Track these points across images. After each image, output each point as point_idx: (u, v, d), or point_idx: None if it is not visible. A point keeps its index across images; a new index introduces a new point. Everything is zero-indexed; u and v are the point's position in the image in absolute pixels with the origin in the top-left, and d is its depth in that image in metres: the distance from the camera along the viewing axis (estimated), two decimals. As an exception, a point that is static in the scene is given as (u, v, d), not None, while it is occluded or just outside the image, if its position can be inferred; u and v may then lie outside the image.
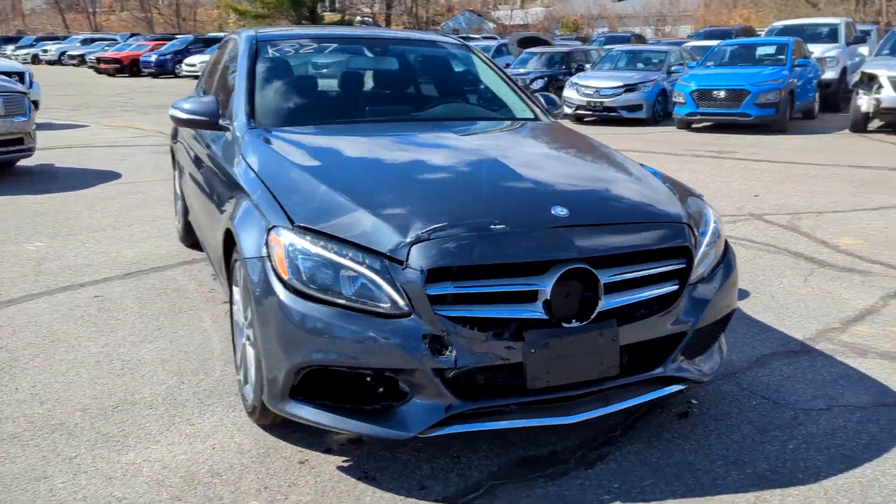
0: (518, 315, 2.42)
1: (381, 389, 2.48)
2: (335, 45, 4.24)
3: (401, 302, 2.36)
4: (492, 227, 2.49)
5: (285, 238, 2.51)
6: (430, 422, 2.40)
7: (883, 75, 11.94)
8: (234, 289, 3.04)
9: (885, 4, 38.73)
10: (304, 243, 2.48)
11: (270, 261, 2.52)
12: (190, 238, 5.26)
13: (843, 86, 16.00)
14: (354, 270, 2.41)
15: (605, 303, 2.51)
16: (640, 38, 28.98)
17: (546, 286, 2.43)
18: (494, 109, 4.10)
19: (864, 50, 17.10)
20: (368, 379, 2.47)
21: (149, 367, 3.44)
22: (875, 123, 12.43)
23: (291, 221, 2.55)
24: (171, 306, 4.21)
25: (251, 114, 3.56)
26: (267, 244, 2.56)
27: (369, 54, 4.39)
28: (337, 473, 2.59)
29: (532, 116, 4.03)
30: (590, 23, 46.71)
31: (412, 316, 2.35)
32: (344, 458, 2.68)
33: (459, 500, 2.44)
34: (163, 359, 3.53)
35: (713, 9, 40.40)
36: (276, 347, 2.47)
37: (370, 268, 2.40)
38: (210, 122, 3.58)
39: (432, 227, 2.44)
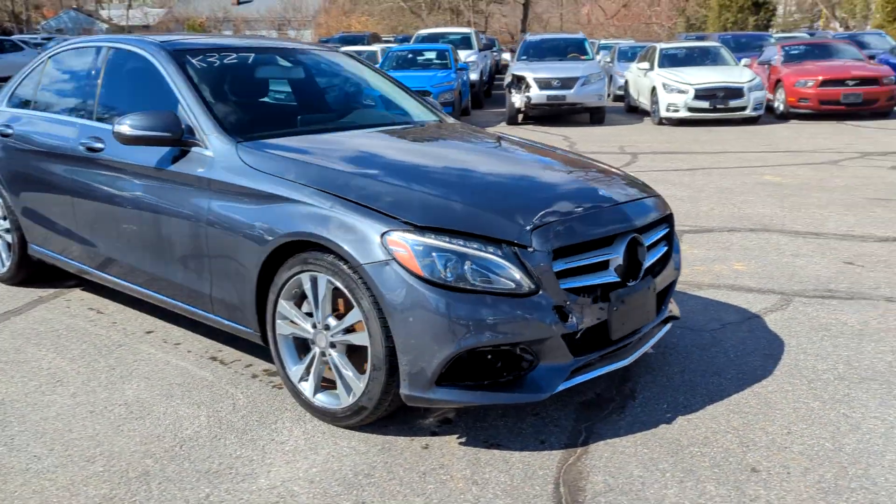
0: (602, 280, 2.91)
1: (511, 362, 2.78)
2: (252, 55, 4.13)
3: (529, 281, 2.69)
4: (575, 211, 2.93)
5: (407, 239, 2.66)
6: (559, 381, 2.77)
7: (529, 77, 14.16)
8: (284, 303, 3.01)
9: (471, 17, 44.35)
10: (433, 241, 2.66)
11: (397, 262, 2.65)
12: (23, 273, 4.65)
13: (482, 86, 18.49)
14: (482, 258, 2.67)
15: (646, 263, 3.11)
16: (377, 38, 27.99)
17: (618, 254, 2.96)
18: (407, 112, 4.36)
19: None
20: (500, 355, 2.75)
21: (156, 404, 3.18)
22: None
23: (408, 223, 2.70)
24: (92, 346, 3.81)
25: (221, 126, 3.42)
26: (385, 247, 2.67)
27: (285, 64, 4.36)
28: (464, 448, 2.82)
29: (439, 118, 4.39)
30: (216, 25, 45.87)
31: (540, 292, 2.70)
32: (457, 437, 2.90)
33: (577, 442, 2.86)
34: (162, 394, 3.28)
35: (333, 15, 42.40)
36: (425, 340, 2.62)
37: (496, 254, 2.68)
38: (171, 138, 3.37)
39: (539, 215, 2.81)
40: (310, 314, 2.98)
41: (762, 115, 13.86)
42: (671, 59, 15.09)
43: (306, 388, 3.04)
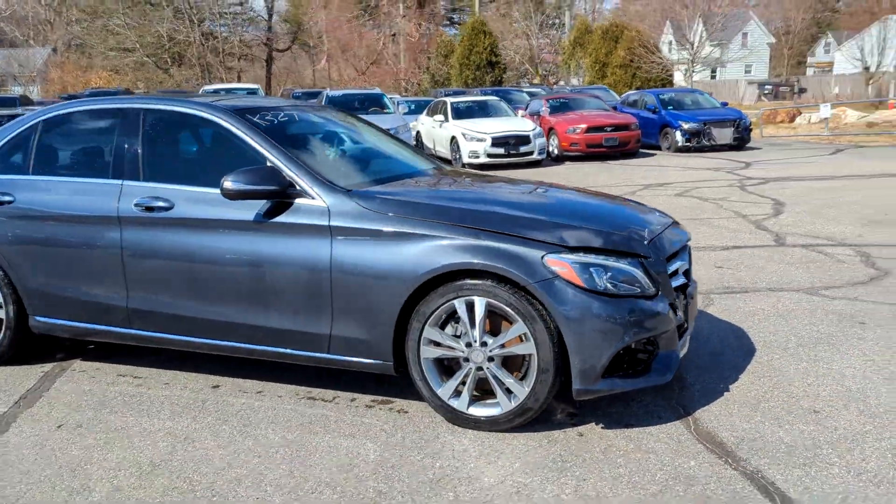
0: (678, 283, 3.66)
1: (641, 353, 3.41)
2: (294, 112, 4.32)
3: (654, 285, 3.35)
4: (660, 230, 3.65)
5: (566, 258, 3.21)
6: (674, 365, 3.45)
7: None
8: (430, 329, 3.36)
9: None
10: (586, 258, 3.23)
11: (560, 278, 3.18)
12: (13, 350, 4.35)
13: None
14: (622, 269, 3.28)
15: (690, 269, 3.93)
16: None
17: (684, 261, 3.73)
18: (416, 161, 4.76)
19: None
20: (634, 348, 3.37)
21: (311, 441, 3.34)
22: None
23: (562, 245, 3.24)
24: (177, 405, 3.77)
25: (321, 178, 3.66)
26: (546, 267, 3.19)
27: (318, 121, 4.59)
28: (610, 430, 3.38)
29: (438, 165, 4.87)
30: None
31: (659, 293, 3.38)
32: (595, 424, 3.45)
33: (682, 414, 3.55)
34: (306, 432, 3.42)
35: (69, 70, 39.23)
36: (596, 341, 3.16)
37: (632, 265, 3.31)
38: (278, 191, 3.56)
39: (646, 232, 3.49)
40: (457, 336, 3.36)
41: (544, 158, 15.69)
42: (461, 112, 16.49)
43: (457, 403, 3.40)
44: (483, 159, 15.06)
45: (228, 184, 3.51)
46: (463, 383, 3.41)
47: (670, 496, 2.81)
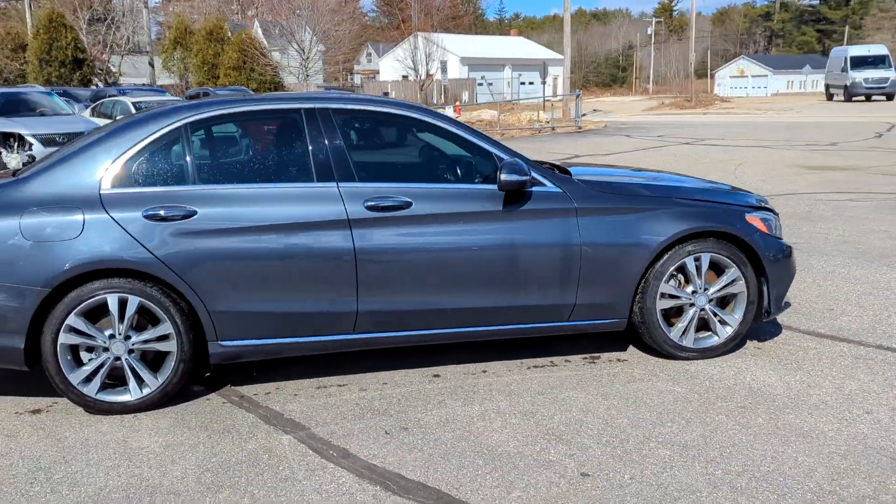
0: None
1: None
2: None
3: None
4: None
5: (756, 214, 4.37)
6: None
7: (24, 133, 13.07)
8: (665, 285, 4.24)
9: None
10: (764, 214, 4.44)
11: (759, 231, 4.35)
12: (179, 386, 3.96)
13: None
14: (776, 220, 4.56)
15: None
16: None
17: None
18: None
19: None
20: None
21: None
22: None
23: (749, 206, 4.40)
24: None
25: (537, 166, 4.21)
26: (749, 224, 4.34)
27: None
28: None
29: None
30: None
31: None
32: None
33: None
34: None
35: None
36: (784, 274, 4.39)
37: (777, 218, 4.60)
38: (532, 181, 4.05)
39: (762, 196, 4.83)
40: (680, 288, 4.30)
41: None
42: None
43: (687, 340, 4.32)
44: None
45: (505, 177, 3.87)
46: (689, 326, 4.33)
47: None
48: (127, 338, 3.74)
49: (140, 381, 3.78)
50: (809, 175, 12.20)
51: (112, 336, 3.72)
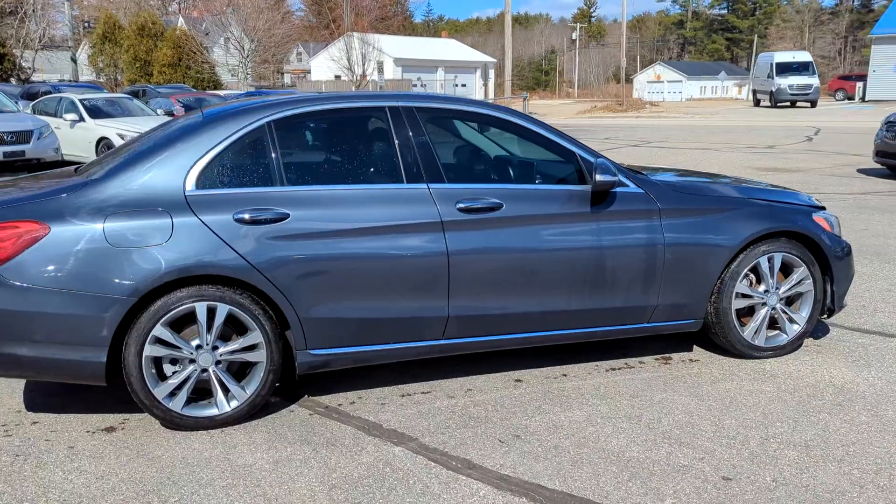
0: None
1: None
2: None
3: None
4: None
5: (821, 214, 4.41)
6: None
7: None
8: (740, 284, 4.24)
9: None
10: (828, 214, 4.50)
11: (825, 231, 4.40)
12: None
13: None
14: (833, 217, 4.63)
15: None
16: None
17: None
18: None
19: None
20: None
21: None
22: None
23: (815, 207, 4.46)
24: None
25: (620, 166, 4.15)
26: (816, 224, 4.39)
27: None
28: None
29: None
30: None
31: None
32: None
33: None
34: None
35: None
36: (846, 274, 4.46)
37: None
38: (619, 181, 3.99)
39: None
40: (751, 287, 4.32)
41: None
42: (100, 111, 14.86)
43: (759, 340, 4.34)
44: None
45: (600, 177, 3.80)
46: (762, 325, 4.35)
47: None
48: (214, 348, 3.49)
49: (227, 394, 3.53)
50: (765, 176, 12.57)
51: (199, 347, 3.47)
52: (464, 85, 52.76)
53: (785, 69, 37.80)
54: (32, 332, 3.27)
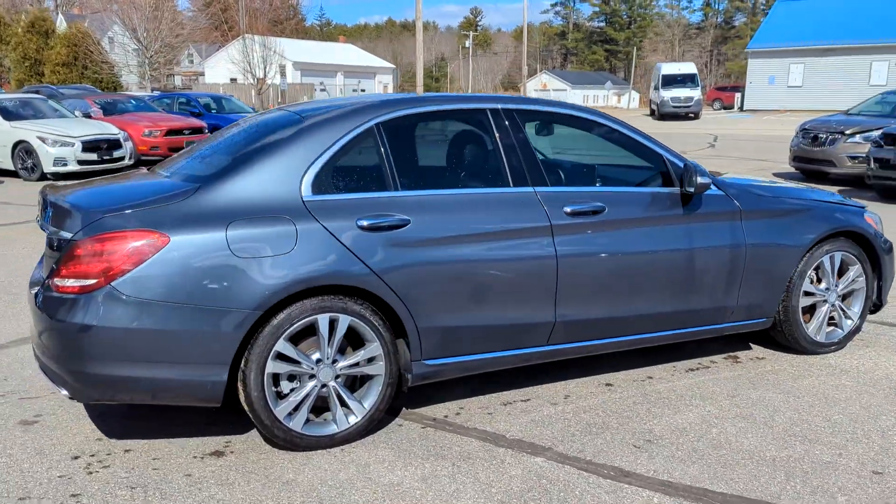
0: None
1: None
2: None
3: None
4: None
5: (869, 213, 4.58)
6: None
7: None
8: (807, 281, 4.36)
9: None
10: (872, 213, 4.69)
11: (872, 230, 4.58)
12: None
13: None
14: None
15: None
16: None
17: None
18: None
19: None
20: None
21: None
22: None
23: (860, 206, 4.63)
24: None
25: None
26: (867, 223, 4.56)
27: None
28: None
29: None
30: None
31: None
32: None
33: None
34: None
35: None
36: (893, 273, 4.67)
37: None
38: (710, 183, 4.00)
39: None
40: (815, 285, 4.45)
41: (133, 162, 14.39)
42: (10, 113, 13.78)
43: (821, 336, 4.46)
44: (73, 167, 13.06)
45: (701, 179, 3.81)
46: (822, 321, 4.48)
47: None
48: (333, 362, 3.25)
49: (347, 410, 3.30)
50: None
51: (318, 361, 3.22)
52: (363, 90, 52.32)
53: (670, 81, 37.49)
54: (150, 352, 2.93)
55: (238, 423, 3.48)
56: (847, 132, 13.38)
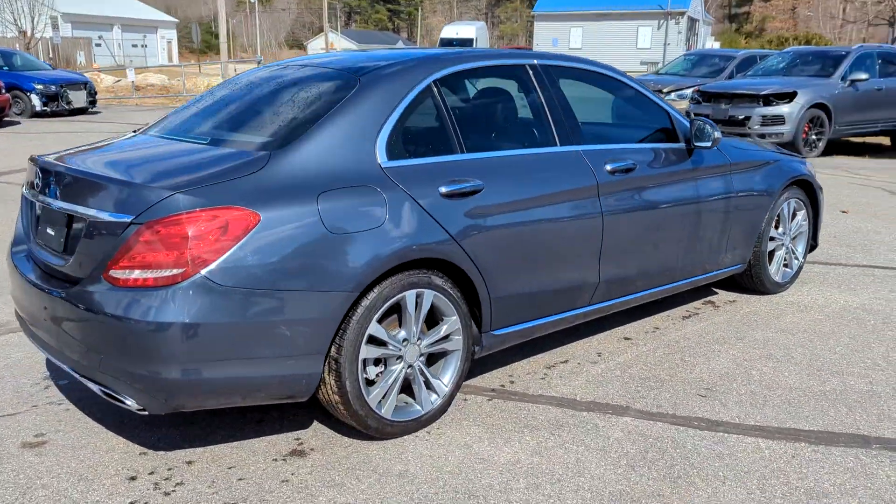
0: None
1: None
2: None
3: None
4: None
5: (809, 165, 5.04)
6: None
7: None
8: (772, 229, 4.68)
9: None
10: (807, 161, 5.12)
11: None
12: None
13: None
14: None
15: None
16: None
17: None
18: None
19: None
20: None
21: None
22: None
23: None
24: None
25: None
26: None
27: None
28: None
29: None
30: None
31: None
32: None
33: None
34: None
35: None
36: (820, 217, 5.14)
37: None
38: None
39: None
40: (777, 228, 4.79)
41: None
42: None
43: (779, 276, 4.82)
44: None
45: (718, 134, 3.91)
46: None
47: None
48: (418, 341, 2.99)
49: (429, 391, 3.06)
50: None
51: (405, 340, 2.94)
52: (144, 45, 48.09)
53: (446, 45, 37.20)
54: (247, 348, 2.50)
55: (284, 416, 3.11)
56: (665, 90, 14.49)
